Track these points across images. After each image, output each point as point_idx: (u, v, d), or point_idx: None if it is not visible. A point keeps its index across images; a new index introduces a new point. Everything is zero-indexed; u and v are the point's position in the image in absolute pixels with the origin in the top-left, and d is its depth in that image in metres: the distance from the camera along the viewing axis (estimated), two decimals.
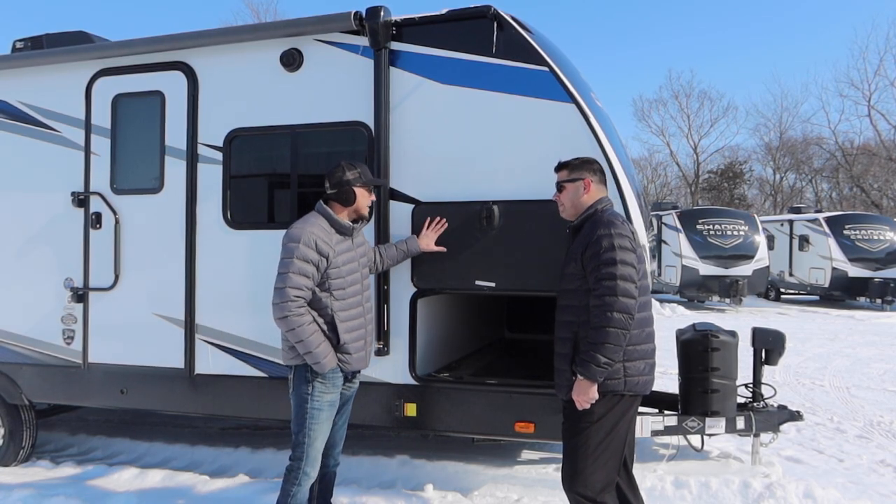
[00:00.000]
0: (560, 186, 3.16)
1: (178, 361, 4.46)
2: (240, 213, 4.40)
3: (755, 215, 19.02)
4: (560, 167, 3.19)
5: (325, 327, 3.26)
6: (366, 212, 3.47)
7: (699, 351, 4.31)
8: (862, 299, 18.49)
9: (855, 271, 17.75)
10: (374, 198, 3.54)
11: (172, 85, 4.50)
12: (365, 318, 3.45)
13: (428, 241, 3.86)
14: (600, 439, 2.89)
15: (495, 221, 3.80)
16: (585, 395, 2.83)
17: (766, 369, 4.81)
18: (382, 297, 4.03)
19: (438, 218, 3.88)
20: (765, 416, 4.49)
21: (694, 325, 4.66)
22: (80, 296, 4.66)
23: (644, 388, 2.96)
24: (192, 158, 4.44)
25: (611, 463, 2.92)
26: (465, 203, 3.89)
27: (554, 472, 4.53)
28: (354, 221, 3.43)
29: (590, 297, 2.86)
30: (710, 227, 17.37)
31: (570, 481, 2.92)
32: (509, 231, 3.81)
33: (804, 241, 19.26)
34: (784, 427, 4.71)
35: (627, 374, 2.88)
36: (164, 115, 4.51)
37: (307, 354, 3.17)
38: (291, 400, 3.32)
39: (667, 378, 6.97)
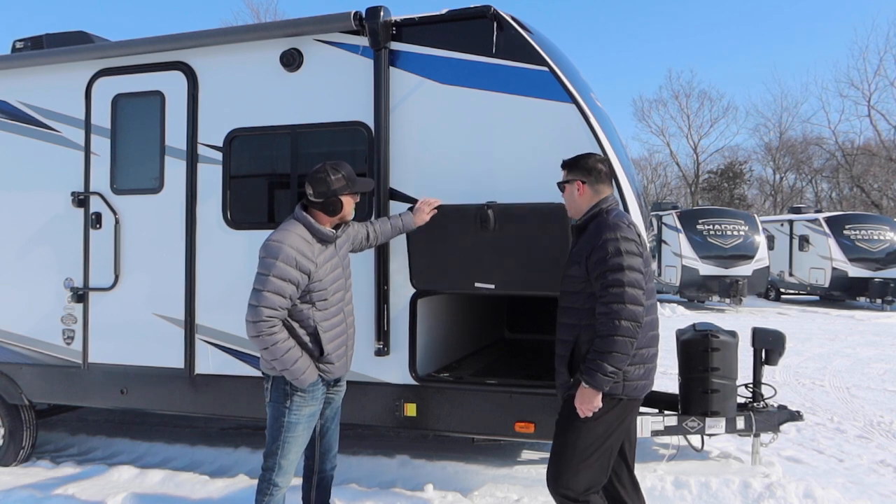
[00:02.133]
0: (560, 187, 3.11)
1: (178, 361, 4.46)
2: (240, 213, 4.40)
3: (755, 215, 19.01)
4: (562, 166, 3.12)
5: (306, 339, 3.10)
6: (351, 217, 3.27)
7: (699, 351, 4.31)
8: (862, 299, 18.47)
9: (855, 271, 17.74)
10: (357, 199, 3.30)
11: (172, 85, 4.50)
12: (346, 322, 3.29)
13: (423, 215, 3.74)
14: (591, 441, 2.84)
15: (495, 222, 3.79)
16: (590, 403, 2.76)
17: (766, 369, 4.81)
18: (382, 297, 4.03)
19: (435, 200, 3.82)
20: (765, 416, 4.49)
21: (694, 325, 4.65)
22: (80, 296, 4.66)
23: (642, 392, 2.91)
24: (192, 158, 4.44)
25: (599, 464, 2.86)
26: (465, 203, 3.89)
27: None
28: (337, 227, 3.23)
29: (593, 301, 2.79)
30: (710, 227, 17.36)
31: (554, 481, 2.87)
32: (509, 231, 3.80)
33: (804, 241, 19.26)
34: (784, 427, 4.71)
35: (627, 378, 2.81)
36: (164, 115, 4.51)
37: (285, 371, 3.01)
38: (268, 409, 3.17)
39: (667, 378, 6.96)
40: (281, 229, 3.08)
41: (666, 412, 4.43)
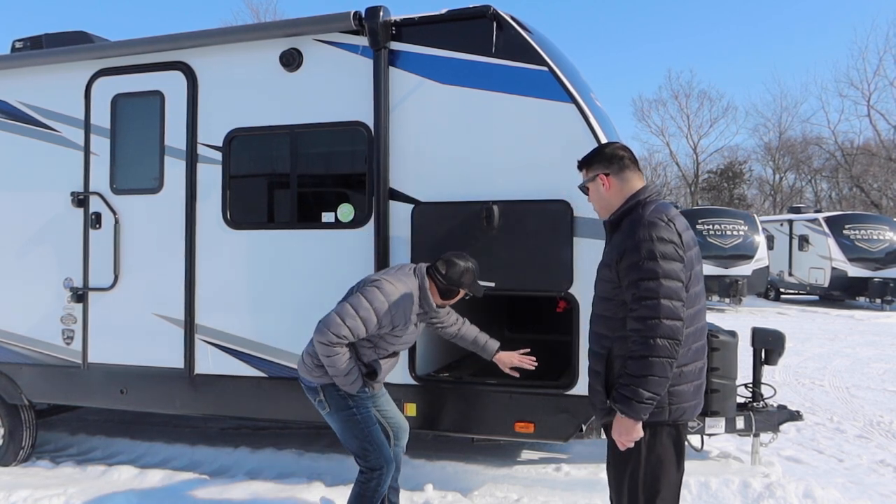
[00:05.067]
0: (583, 190, 2.72)
1: (178, 361, 4.46)
2: (239, 213, 4.40)
3: (755, 215, 19.01)
4: (578, 167, 2.73)
5: (359, 364, 3.24)
6: (450, 304, 3.44)
7: None
8: (861, 299, 18.49)
9: (854, 271, 17.75)
10: (468, 297, 3.45)
11: (172, 85, 4.50)
12: (397, 356, 3.44)
13: (510, 359, 3.66)
14: (649, 479, 2.45)
15: (495, 221, 3.80)
16: (629, 435, 2.37)
17: (766, 369, 4.81)
18: None
19: (531, 357, 3.67)
20: (764, 416, 4.49)
21: None
22: (80, 296, 4.65)
23: (692, 414, 2.51)
24: (192, 158, 4.44)
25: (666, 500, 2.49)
26: (465, 203, 3.89)
27: (554, 472, 4.53)
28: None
29: (626, 310, 2.40)
30: (710, 227, 17.36)
31: None
32: (509, 231, 3.81)
33: (804, 241, 19.26)
34: (784, 427, 4.71)
35: (672, 401, 2.41)
36: (164, 115, 4.51)
37: (337, 378, 3.14)
38: (334, 419, 3.23)
39: None
40: (402, 275, 3.25)
41: None
